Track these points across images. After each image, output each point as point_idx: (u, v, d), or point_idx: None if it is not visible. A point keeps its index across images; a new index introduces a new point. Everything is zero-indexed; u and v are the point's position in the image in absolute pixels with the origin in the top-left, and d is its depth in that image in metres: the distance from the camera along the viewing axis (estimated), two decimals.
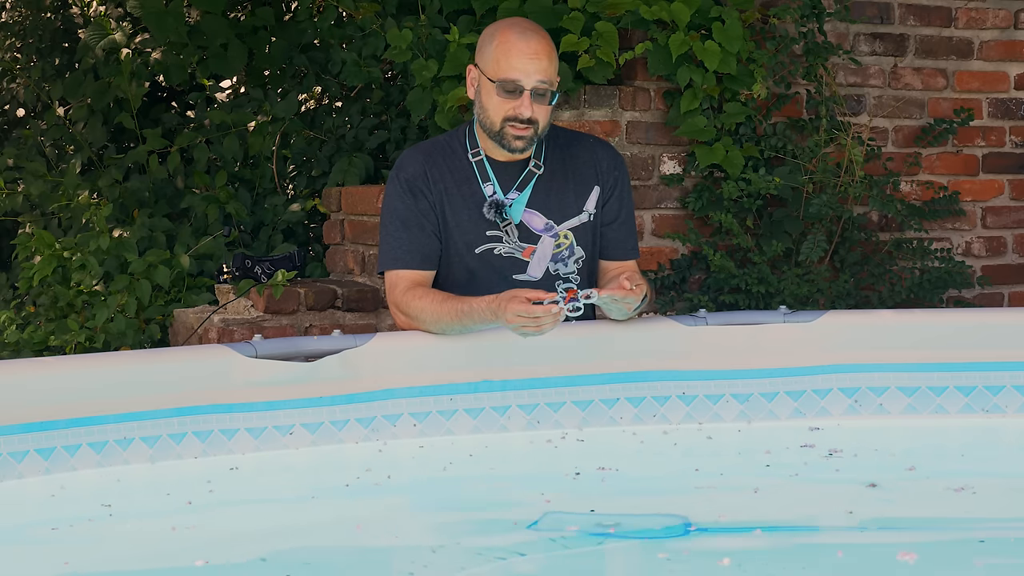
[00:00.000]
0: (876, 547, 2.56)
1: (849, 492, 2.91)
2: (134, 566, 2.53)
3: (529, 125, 3.37)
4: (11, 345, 5.32)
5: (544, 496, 2.84)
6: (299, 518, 2.81)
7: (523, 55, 3.35)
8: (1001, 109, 5.47)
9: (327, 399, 3.17)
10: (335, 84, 6.10)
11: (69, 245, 5.29)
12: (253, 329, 4.84)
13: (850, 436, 3.29)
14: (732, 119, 4.91)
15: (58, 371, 3.09)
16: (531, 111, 3.35)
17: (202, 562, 2.48)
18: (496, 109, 3.38)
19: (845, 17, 5.08)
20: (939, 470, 3.13)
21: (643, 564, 2.50)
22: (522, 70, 3.34)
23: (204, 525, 2.74)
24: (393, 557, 2.58)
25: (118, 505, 2.81)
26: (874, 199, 5.01)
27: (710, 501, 2.86)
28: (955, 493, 2.88)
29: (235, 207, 5.64)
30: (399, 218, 3.44)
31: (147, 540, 2.65)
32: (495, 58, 3.37)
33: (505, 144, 3.40)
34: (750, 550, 2.53)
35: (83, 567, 2.51)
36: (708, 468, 3.12)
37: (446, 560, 2.51)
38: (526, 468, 3.12)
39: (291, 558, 2.53)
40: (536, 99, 3.36)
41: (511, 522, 2.70)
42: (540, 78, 3.35)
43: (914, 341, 3.44)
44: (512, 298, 3.12)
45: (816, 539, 2.67)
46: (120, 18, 6.27)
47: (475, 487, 3.02)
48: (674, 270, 4.99)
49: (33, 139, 6.37)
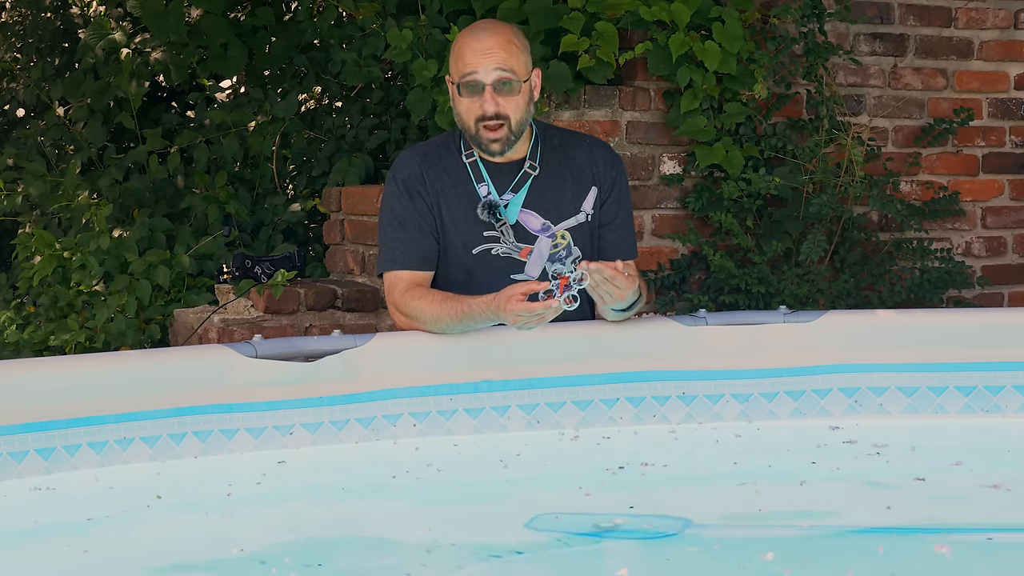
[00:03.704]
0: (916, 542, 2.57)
1: (893, 487, 2.91)
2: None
3: (500, 123, 3.35)
4: (11, 345, 5.33)
5: (583, 491, 2.86)
6: (297, 517, 2.81)
7: (477, 51, 3.34)
8: (1001, 109, 5.47)
9: (327, 399, 3.16)
10: (335, 84, 6.10)
11: (69, 245, 5.29)
12: (253, 329, 4.84)
13: (896, 433, 3.28)
14: (732, 119, 4.91)
15: (58, 371, 3.08)
16: (495, 105, 3.33)
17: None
18: (466, 113, 3.37)
19: (845, 17, 5.08)
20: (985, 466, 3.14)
21: (643, 564, 2.49)
22: (478, 64, 3.33)
23: (205, 525, 2.75)
24: (391, 557, 2.58)
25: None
26: (874, 199, 5.01)
27: (748, 497, 2.87)
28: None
29: (235, 207, 5.65)
30: (397, 219, 3.44)
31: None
32: (454, 60, 3.39)
33: (483, 147, 3.39)
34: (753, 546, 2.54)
35: (111, 558, 2.52)
36: (747, 464, 3.13)
37: (443, 559, 2.51)
38: (526, 468, 3.12)
39: (290, 558, 2.53)
40: (500, 91, 3.34)
41: (510, 522, 2.70)
42: (497, 66, 3.33)
43: (914, 341, 3.44)
44: (510, 297, 3.12)
45: (854, 535, 2.66)
46: (120, 18, 6.26)
47: (475, 487, 3.02)
48: (674, 270, 4.99)
49: (33, 139, 6.37)
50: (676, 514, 2.70)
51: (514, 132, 3.38)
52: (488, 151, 3.39)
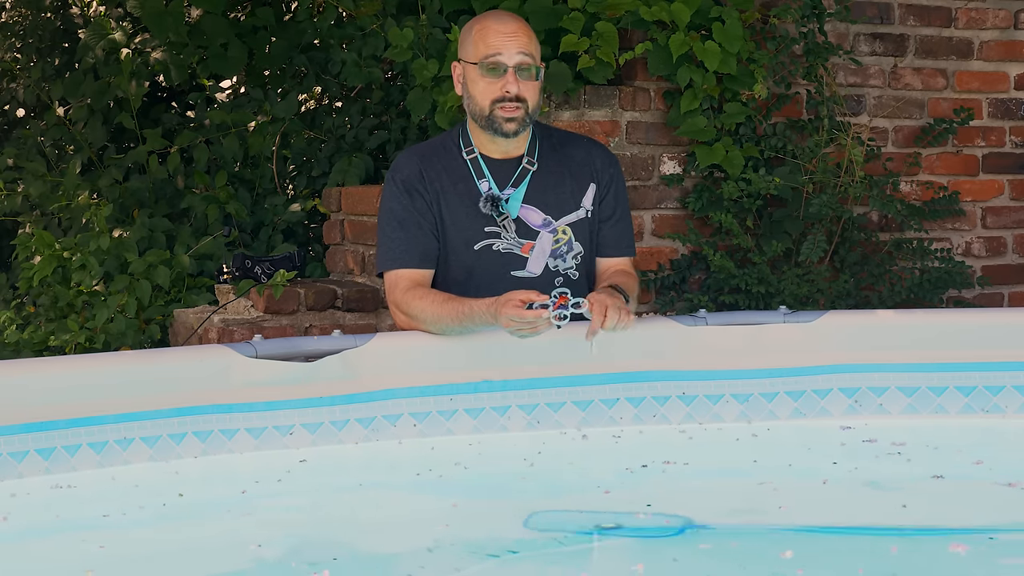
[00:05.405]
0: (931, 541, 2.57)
1: (913, 485, 2.91)
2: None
3: (518, 104, 3.38)
4: (11, 345, 5.33)
5: (602, 489, 2.87)
6: (296, 517, 2.81)
7: (501, 34, 3.38)
8: (1001, 109, 5.47)
9: (327, 399, 3.16)
10: (335, 84, 6.10)
11: (69, 245, 5.29)
12: (253, 329, 4.85)
13: (911, 433, 3.28)
14: (732, 119, 4.91)
15: (58, 371, 3.08)
16: (517, 87, 3.37)
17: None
18: (483, 93, 3.39)
19: (845, 17, 5.08)
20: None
21: (642, 563, 2.49)
22: (503, 47, 3.37)
23: (190, 526, 2.75)
24: (391, 556, 2.58)
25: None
26: (874, 199, 5.01)
27: (769, 496, 2.86)
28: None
29: (235, 207, 5.65)
30: (396, 219, 3.44)
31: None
32: (475, 42, 3.40)
33: (497, 127, 3.40)
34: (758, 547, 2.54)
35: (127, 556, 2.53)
36: (767, 463, 3.13)
37: (441, 559, 2.51)
38: (524, 468, 3.12)
39: (286, 559, 2.53)
40: (521, 75, 3.37)
41: (508, 521, 2.70)
42: (521, 51, 3.37)
43: (914, 341, 3.44)
44: (507, 301, 3.12)
45: (870, 536, 2.66)
46: (120, 18, 6.27)
47: (475, 487, 3.02)
48: (674, 270, 4.99)
49: (33, 139, 6.37)
50: (690, 513, 2.70)
51: (530, 116, 3.41)
52: (502, 132, 3.40)
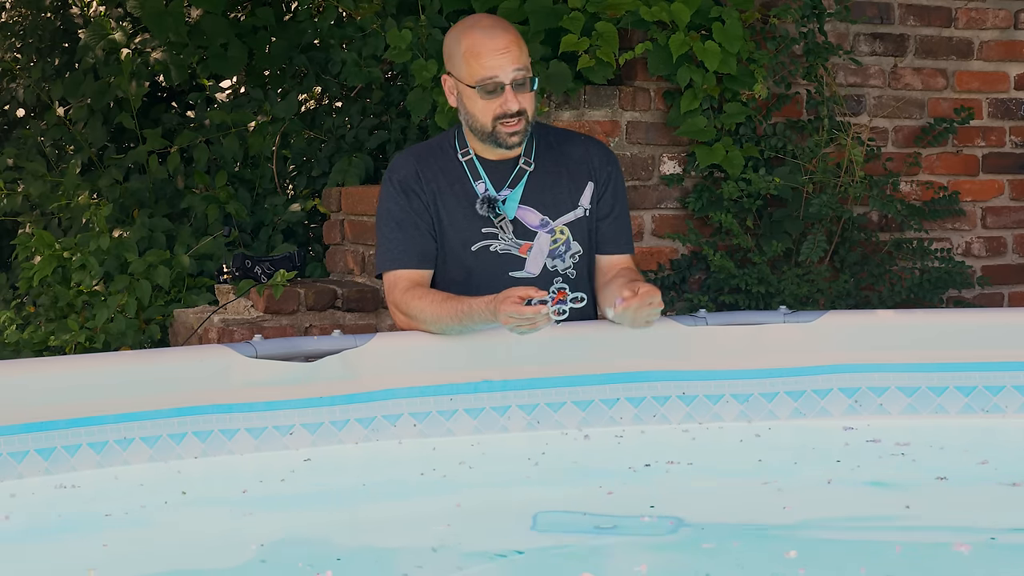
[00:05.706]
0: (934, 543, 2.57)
1: (915, 487, 2.91)
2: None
3: (519, 117, 3.38)
4: (11, 345, 5.33)
5: (605, 489, 2.87)
6: (296, 518, 2.81)
7: (494, 52, 3.36)
8: (1001, 109, 5.47)
9: (327, 399, 3.16)
10: (335, 84, 6.10)
11: (69, 245, 5.29)
12: (253, 329, 4.85)
13: (914, 433, 3.28)
14: (732, 119, 4.91)
15: (58, 371, 3.08)
16: (517, 103, 3.37)
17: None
18: (483, 112, 3.38)
19: (845, 17, 5.08)
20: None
21: (646, 564, 2.49)
22: (497, 67, 3.35)
23: (187, 525, 2.75)
24: (392, 556, 2.58)
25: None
26: (874, 199, 5.01)
27: (776, 497, 2.86)
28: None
29: (235, 207, 5.65)
30: (394, 219, 3.44)
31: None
32: (467, 62, 3.37)
33: (501, 143, 3.40)
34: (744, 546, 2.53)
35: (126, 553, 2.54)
36: (771, 463, 3.13)
37: (446, 559, 2.51)
38: (527, 468, 3.12)
39: (288, 558, 2.53)
40: (518, 90, 3.37)
41: (509, 522, 2.70)
42: (515, 67, 3.36)
43: (914, 341, 3.44)
44: (506, 298, 3.13)
45: (873, 535, 2.66)
46: (120, 18, 6.27)
47: (475, 487, 3.02)
48: (674, 270, 4.99)
49: (33, 139, 6.37)
50: (694, 513, 2.70)
51: (530, 124, 3.42)
52: (506, 145, 3.41)
